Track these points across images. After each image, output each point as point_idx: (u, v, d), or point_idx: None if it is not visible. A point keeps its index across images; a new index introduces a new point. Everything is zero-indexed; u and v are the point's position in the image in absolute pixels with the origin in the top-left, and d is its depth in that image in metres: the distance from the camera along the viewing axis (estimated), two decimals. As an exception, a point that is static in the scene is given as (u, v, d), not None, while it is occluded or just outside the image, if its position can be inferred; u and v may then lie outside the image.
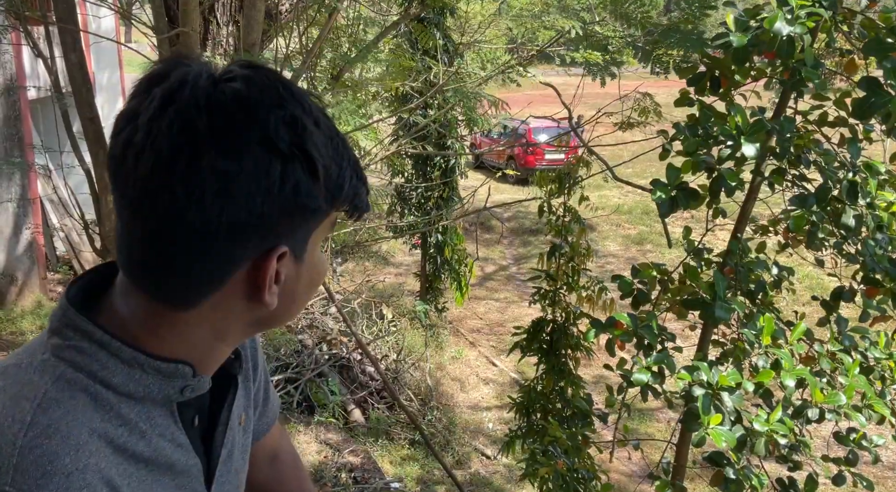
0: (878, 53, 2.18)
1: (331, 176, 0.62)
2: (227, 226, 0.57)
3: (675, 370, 2.63)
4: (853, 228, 2.39)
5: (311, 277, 0.69)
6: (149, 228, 0.58)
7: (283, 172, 0.58)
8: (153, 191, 0.56)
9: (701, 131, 2.73)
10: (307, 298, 0.71)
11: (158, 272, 0.60)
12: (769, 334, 2.51)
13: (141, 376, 0.62)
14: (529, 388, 4.29)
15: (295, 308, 0.70)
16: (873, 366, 2.67)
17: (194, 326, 0.64)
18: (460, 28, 8.01)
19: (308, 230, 0.64)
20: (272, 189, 0.58)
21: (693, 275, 3.01)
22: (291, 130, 0.59)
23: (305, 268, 0.67)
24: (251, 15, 2.84)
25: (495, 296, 9.87)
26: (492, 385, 7.10)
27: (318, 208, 0.62)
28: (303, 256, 0.66)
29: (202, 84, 0.58)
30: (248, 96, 0.58)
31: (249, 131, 0.57)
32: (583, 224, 4.14)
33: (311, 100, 0.63)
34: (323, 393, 5.69)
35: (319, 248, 0.70)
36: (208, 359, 0.67)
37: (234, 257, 0.60)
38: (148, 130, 0.56)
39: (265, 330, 0.73)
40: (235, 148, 0.57)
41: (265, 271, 0.62)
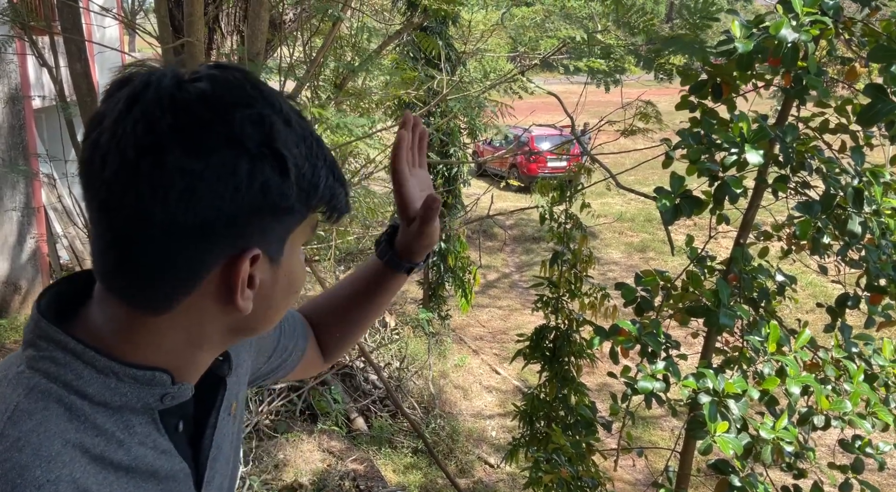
0: (881, 61, 2.19)
1: (304, 176, 0.61)
2: (195, 226, 0.57)
3: (680, 378, 2.62)
4: (859, 235, 2.39)
5: (290, 282, 0.68)
6: (117, 231, 0.58)
7: (250, 170, 0.57)
8: (119, 191, 0.56)
9: (704, 139, 2.74)
10: (286, 303, 0.70)
11: (128, 276, 0.59)
12: (775, 341, 2.51)
13: (117, 385, 0.61)
14: (533, 396, 4.28)
15: (273, 314, 0.69)
16: (878, 373, 2.67)
17: (168, 332, 0.62)
18: (463, 37, 8.04)
19: (283, 232, 0.63)
20: (240, 188, 0.57)
21: (696, 282, 3.01)
22: (259, 129, 0.58)
23: (283, 272, 0.66)
24: (255, 25, 2.86)
25: (498, 303, 9.86)
26: (495, 393, 7.09)
27: (291, 209, 0.61)
28: (279, 260, 0.64)
29: (166, 84, 0.57)
30: (214, 95, 0.58)
31: (214, 130, 0.56)
32: (585, 231, 4.15)
33: (284, 100, 0.62)
34: (326, 401, 5.69)
35: (299, 252, 0.69)
36: (187, 366, 0.66)
37: (204, 259, 0.59)
38: (113, 131, 0.56)
39: (245, 338, 0.71)
40: (200, 147, 0.56)
41: (237, 274, 0.60)
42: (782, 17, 2.38)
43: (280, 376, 1.00)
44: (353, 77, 3.68)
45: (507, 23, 5.95)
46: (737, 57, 2.45)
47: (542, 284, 4.24)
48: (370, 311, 1.04)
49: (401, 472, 5.49)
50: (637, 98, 4.71)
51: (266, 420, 5.37)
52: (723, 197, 2.61)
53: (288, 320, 0.97)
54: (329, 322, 1.05)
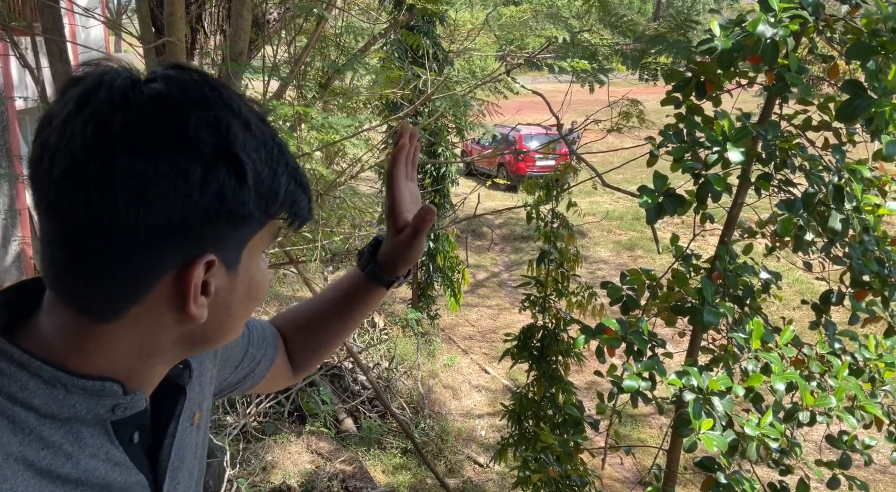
0: (861, 57, 2.20)
1: (263, 181, 0.59)
2: (145, 230, 0.55)
3: (666, 376, 2.63)
4: (840, 232, 2.40)
5: (249, 290, 0.66)
6: (65, 233, 0.56)
7: (204, 175, 0.56)
8: (67, 193, 0.54)
9: (687, 137, 2.75)
10: (246, 312, 0.68)
11: (77, 281, 0.57)
12: (759, 338, 2.52)
13: (65, 397, 0.58)
14: (521, 395, 4.28)
15: (231, 323, 0.67)
16: (863, 368, 2.68)
17: (119, 341, 0.60)
18: (450, 36, 8.04)
19: (241, 239, 0.62)
20: (192, 193, 0.55)
21: (682, 281, 3.02)
22: (215, 132, 0.56)
23: (241, 279, 0.64)
24: (238, 24, 2.84)
25: (487, 303, 9.86)
26: (484, 392, 7.09)
27: (248, 215, 0.60)
28: (237, 267, 0.63)
29: (119, 84, 0.56)
30: (169, 96, 0.56)
31: (167, 132, 0.55)
32: (572, 230, 4.15)
33: (245, 103, 0.61)
34: (314, 402, 5.67)
35: (260, 259, 0.67)
36: (140, 376, 0.63)
37: (155, 265, 0.57)
38: (62, 131, 0.54)
39: (203, 349, 0.68)
40: (152, 149, 0.54)
41: (189, 280, 0.58)
42: (760, 13, 2.39)
43: (248, 388, 0.98)
44: (339, 76, 3.67)
45: (494, 22, 5.95)
46: (717, 55, 2.46)
47: (530, 283, 4.24)
48: (345, 324, 1.02)
49: (390, 472, 5.48)
50: (623, 97, 4.72)
51: (254, 422, 5.34)
52: (706, 195, 2.61)
53: (257, 330, 0.96)
54: (302, 335, 1.03)
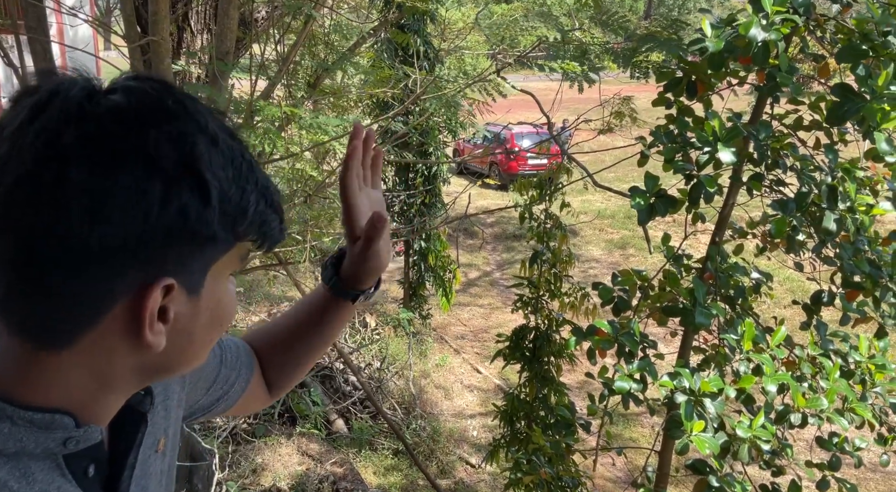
0: (851, 60, 2.18)
1: (229, 200, 0.56)
2: (99, 250, 0.51)
3: (657, 377, 2.61)
4: (834, 232, 2.39)
5: (214, 316, 0.62)
6: (13, 249, 0.52)
7: (164, 193, 0.52)
8: (16, 208, 0.51)
9: (678, 137, 2.73)
10: (210, 339, 0.64)
11: (24, 304, 0.53)
12: (750, 339, 2.51)
13: (11, 430, 0.54)
14: (513, 396, 4.26)
15: (192, 351, 0.62)
16: (854, 370, 2.67)
17: (71, 371, 0.56)
18: (441, 35, 8.00)
19: (204, 261, 0.58)
20: (150, 212, 0.52)
21: (673, 281, 3.01)
22: (177, 148, 0.53)
23: (205, 304, 0.60)
24: (224, 23, 2.80)
25: (479, 302, 9.84)
26: (476, 392, 7.07)
27: (213, 237, 0.56)
28: (199, 291, 0.59)
29: (75, 94, 0.52)
30: (128, 108, 0.53)
31: (125, 146, 0.51)
32: (565, 230, 4.13)
33: (214, 117, 0.57)
34: (305, 404, 5.63)
35: (227, 282, 0.63)
36: (94, 407, 0.59)
37: (108, 288, 0.53)
38: (13, 142, 0.51)
39: (163, 378, 0.64)
40: (107, 164, 0.51)
41: (145, 306, 0.54)
42: (752, 15, 2.37)
43: (221, 411, 0.94)
44: (329, 75, 3.63)
45: (484, 20, 5.92)
46: (708, 56, 2.44)
47: (522, 284, 4.22)
48: (317, 342, 0.98)
49: (381, 474, 5.46)
50: (614, 96, 4.71)
51: (244, 424, 5.30)
52: (698, 196, 2.60)
53: (231, 350, 0.92)
54: (276, 354, 0.99)
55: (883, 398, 2.69)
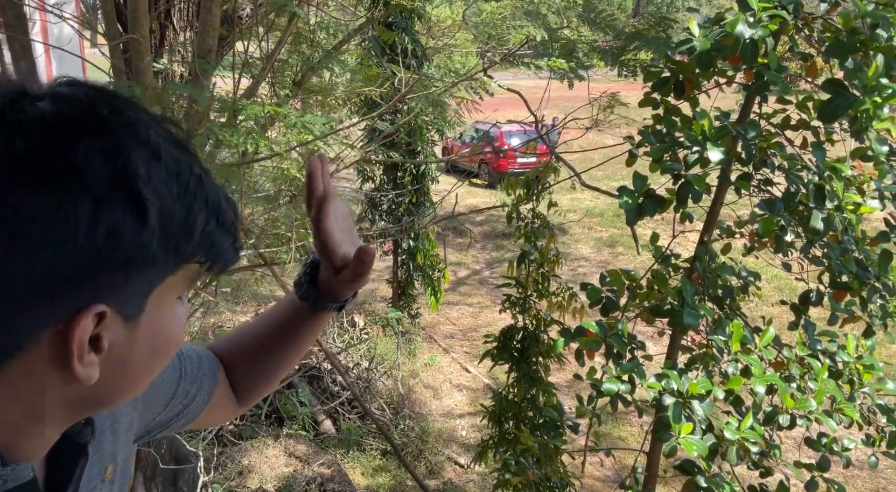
0: (840, 55, 2.17)
1: (172, 220, 0.51)
2: (20, 277, 0.46)
3: (646, 378, 2.60)
4: (822, 232, 2.37)
5: (157, 344, 0.57)
6: None
7: (93, 213, 0.47)
8: None
9: (666, 137, 2.72)
10: (151, 369, 0.59)
11: None
12: (738, 341, 2.49)
13: None
14: (501, 396, 4.24)
15: (131, 383, 0.58)
16: (842, 370, 2.67)
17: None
18: (430, 33, 7.96)
19: (143, 286, 0.53)
20: (77, 235, 0.47)
21: (661, 281, 3.00)
22: (110, 162, 0.48)
23: (144, 332, 0.55)
24: (206, 20, 2.75)
25: (468, 301, 9.82)
26: (465, 392, 7.05)
27: (152, 260, 0.51)
28: (138, 318, 0.54)
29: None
30: (56, 117, 0.48)
31: (50, 159, 0.46)
32: (552, 230, 4.11)
33: (158, 126, 0.53)
34: (292, 404, 5.59)
35: (173, 306, 0.58)
36: (24, 443, 0.54)
37: (31, 316, 0.48)
38: None
39: (100, 412, 0.60)
40: (29, 180, 0.46)
41: (73, 336, 0.49)
42: (739, 13, 2.36)
43: (182, 425, 0.90)
44: (314, 74, 3.59)
45: (474, 18, 5.89)
46: (696, 55, 2.42)
47: (510, 283, 4.19)
48: (291, 352, 0.94)
49: (369, 474, 5.42)
50: (601, 95, 4.69)
51: (230, 425, 5.25)
52: (686, 196, 2.58)
53: (192, 362, 0.87)
54: (246, 364, 0.95)
55: (871, 398, 2.68)
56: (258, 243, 3.40)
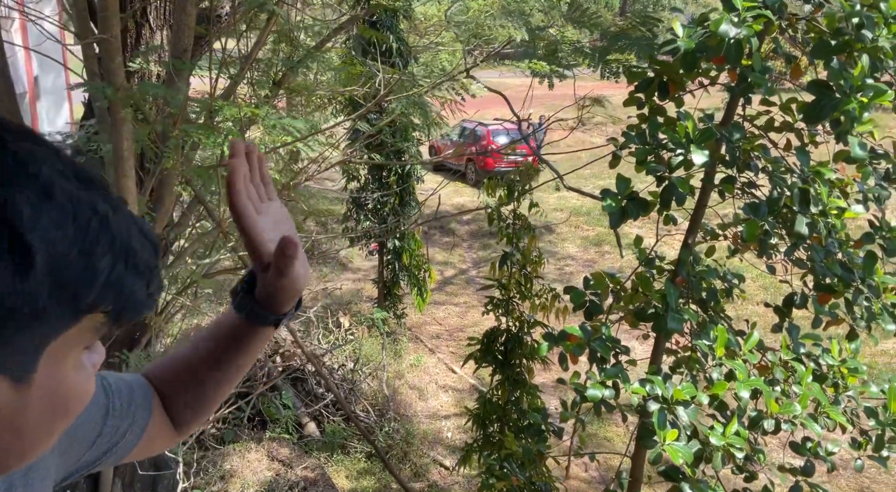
0: (825, 56, 2.15)
1: (67, 267, 0.45)
2: None
3: (630, 383, 2.56)
4: (806, 236, 2.35)
5: (55, 405, 0.51)
6: None
7: None
8: None
9: (650, 138, 2.69)
10: (52, 431, 0.53)
11: None
12: (723, 345, 2.46)
13: None
14: (485, 399, 4.20)
15: (26, 446, 0.51)
16: (826, 373, 2.65)
17: None
18: (415, 31, 7.91)
19: (32, 343, 0.47)
20: None
21: (645, 284, 2.97)
22: None
23: (38, 392, 0.49)
24: (181, 20, 2.69)
25: (455, 300, 9.78)
26: (451, 392, 7.01)
27: (41, 313, 0.45)
28: (30, 378, 0.48)
29: None
30: None
31: None
32: (534, 231, 4.08)
33: (55, 160, 0.48)
34: (275, 407, 5.52)
35: (75, 360, 0.52)
36: None
37: None
38: None
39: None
40: None
41: None
42: (723, 12, 2.33)
43: (113, 462, 0.84)
44: (297, 73, 3.53)
45: (460, 15, 5.84)
46: (680, 56, 2.39)
47: (493, 285, 4.16)
48: (229, 374, 0.88)
49: (354, 478, 5.37)
50: (586, 95, 4.67)
51: (212, 429, 5.18)
52: (669, 198, 2.55)
53: (122, 395, 0.81)
54: (183, 389, 0.88)
55: (856, 401, 2.67)
56: (238, 246, 3.34)
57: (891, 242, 2.52)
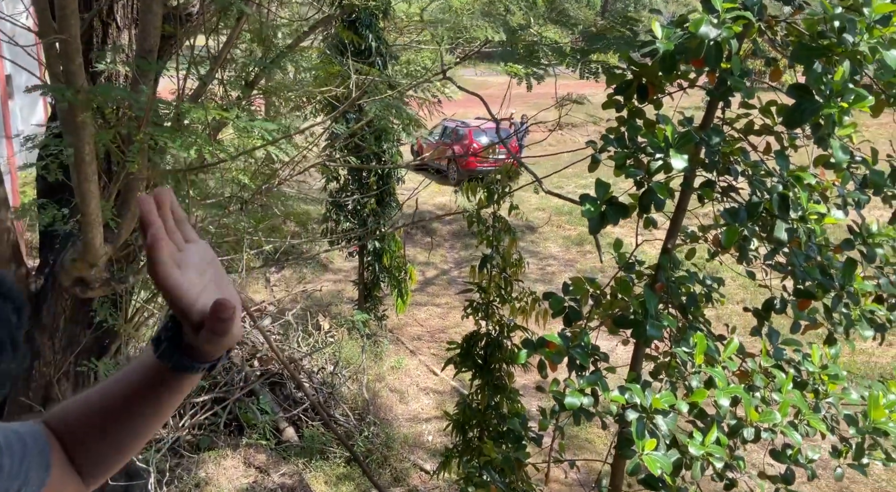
0: (805, 59, 2.11)
1: None
2: None
3: (609, 391, 2.52)
4: (786, 242, 2.31)
5: None
6: None
7: None
8: None
9: (629, 142, 2.64)
10: None
11: None
12: (702, 353, 2.42)
13: None
14: (465, 404, 4.15)
15: None
16: (807, 380, 2.62)
17: None
18: (395, 29, 7.82)
19: None
20: None
21: (625, 289, 2.93)
22: None
23: None
24: (147, 19, 2.60)
25: (436, 301, 9.72)
26: (432, 395, 6.95)
27: None
28: None
29: None
30: None
31: None
32: (514, 234, 4.02)
33: None
34: (252, 413, 5.43)
35: None
36: None
37: None
38: None
39: None
40: None
41: None
42: (703, 13, 2.28)
43: None
44: (268, 74, 3.44)
45: (439, 14, 5.77)
46: (659, 58, 2.34)
47: (472, 289, 4.10)
48: (151, 420, 0.80)
49: (332, 483, 5.29)
50: (567, 95, 4.62)
51: (187, 436, 5.07)
52: (649, 204, 2.51)
53: (13, 452, 0.72)
54: (90, 441, 0.81)
55: (836, 408, 2.64)
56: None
57: (870, 247, 2.50)
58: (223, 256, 3.28)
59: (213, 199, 3.04)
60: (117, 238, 2.75)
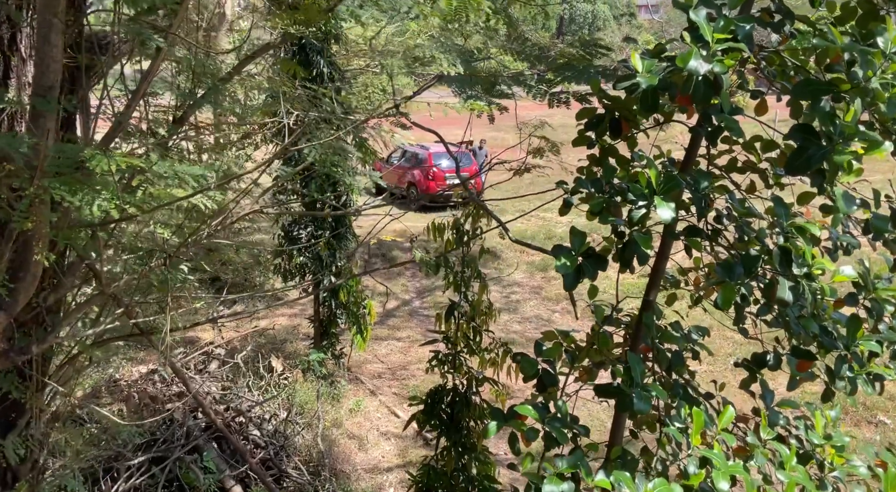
0: (811, 96, 1.83)
1: None
2: None
3: (591, 474, 2.19)
4: (791, 303, 2.02)
5: None
6: None
7: None
8: None
9: (606, 186, 2.34)
10: None
11: None
12: (699, 432, 2.11)
13: None
14: (429, 467, 3.78)
15: None
16: (810, 452, 2.33)
17: None
18: (349, 53, 7.50)
19: None
20: None
21: (604, 342, 2.63)
22: None
23: None
24: (45, 51, 2.22)
25: (398, 334, 9.32)
26: (393, 440, 6.53)
27: None
28: None
29: None
30: None
31: None
32: (484, 280, 3.70)
33: None
34: (194, 473, 4.94)
35: None
36: None
37: None
38: None
39: None
40: None
41: None
42: (690, 46, 2.00)
43: None
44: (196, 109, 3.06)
45: (396, 39, 5.46)
46: (640, 94, 2.04)
47: (437, 340, 3.75)
48: None
49: (286, 548, 4.84)
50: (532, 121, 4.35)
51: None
52: (631, 257, 2.20)
53: None
54: None
55: (841, 482, 2.36)
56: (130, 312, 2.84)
57: (877, 303, 2.23)
58: (148, 316, 2.87)
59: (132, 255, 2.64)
60: (11, 306, 2.33)
